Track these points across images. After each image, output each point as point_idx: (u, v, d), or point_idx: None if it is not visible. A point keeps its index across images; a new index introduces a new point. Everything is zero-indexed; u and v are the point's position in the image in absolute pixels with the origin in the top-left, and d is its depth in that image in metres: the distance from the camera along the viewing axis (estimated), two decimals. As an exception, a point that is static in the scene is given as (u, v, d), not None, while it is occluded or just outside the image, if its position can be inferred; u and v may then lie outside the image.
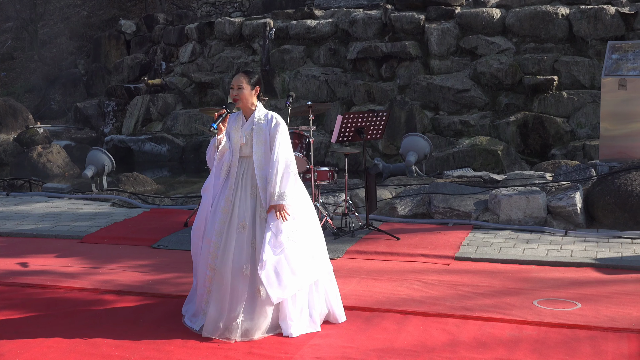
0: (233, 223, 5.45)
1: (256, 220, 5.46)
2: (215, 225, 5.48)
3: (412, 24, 15.44)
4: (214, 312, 5.40)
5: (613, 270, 7.04)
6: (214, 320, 5.40)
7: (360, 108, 14.97)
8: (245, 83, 5.56)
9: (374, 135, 8.61)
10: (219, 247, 5.44)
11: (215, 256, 5.43)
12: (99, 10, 24.43)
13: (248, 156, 5.56)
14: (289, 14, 17.47)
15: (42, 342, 5.38)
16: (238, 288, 5.37)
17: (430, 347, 5.20)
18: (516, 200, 8.60)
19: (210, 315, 5.41)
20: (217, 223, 5.48)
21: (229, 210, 5.48)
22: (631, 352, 5.06)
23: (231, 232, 5.43)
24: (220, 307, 5.38)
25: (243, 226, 5.43)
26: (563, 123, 13.59)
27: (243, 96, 5.56)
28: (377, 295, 6.32)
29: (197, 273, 5.69)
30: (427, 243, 7.97)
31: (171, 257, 7.75)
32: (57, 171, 15.29)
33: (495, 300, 6.14)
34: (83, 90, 21.00)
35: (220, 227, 5.46)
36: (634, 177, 8.55)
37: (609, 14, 14.14)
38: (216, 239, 5.46)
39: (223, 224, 5.47)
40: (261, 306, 5.40)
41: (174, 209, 10.06)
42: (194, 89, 17.80)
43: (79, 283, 6.84)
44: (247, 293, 5.38)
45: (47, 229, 9.04)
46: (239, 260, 5.39)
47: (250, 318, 5.38)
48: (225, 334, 5.36)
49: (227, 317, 5.37)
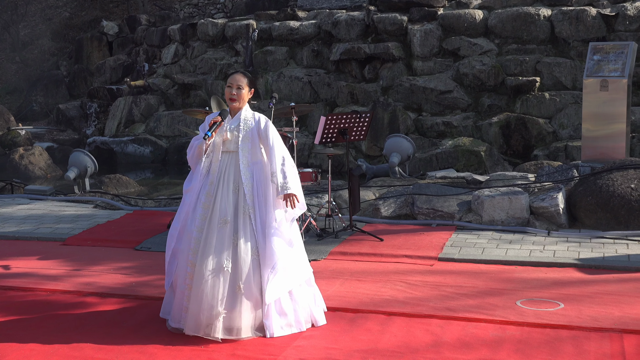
0: (214, 218, 5.42)
1: (239, 216, 5.44)
2: (196, 220, 5.46)
3: (395, 25, 15.46)
4: (195, 308, 5.36)
5: (595, 270, 7.08)
6: (195, 317, 5.36)
7: (344, 109, 14.97)
8: (245, 84, 5.59)
9: (357, 136, 8.62)
10: (199, 242, 5.42)
11: (196, 252, 5.40)
12: (81, 12, 24.30)
13: (232, 151, 5.55)
14: (272, 15, 17.46)
15: (24, 345, 5.35)
16: (218, 285, 5.33)
17: (414, 348, 5.21)
18: (499, 201, 8.63)
19: (191, 312, 5.37)
20: (198, 219, 5.46)
21: (210, 206, 5.46)
22: (613, 351, 5.09)
23: (212, 227, 5.41)
24: (200, 303, 5.33)
25: (224, 221, 5.41)
26: (545, 124, 13.65)
27: (241, 96, 5.58)
28: (361, 297, 6.32)
29: (171, 273, 5.64)
30: (411, 244, 7.99)
31: (154, 259, 7.72)
32: (39, 173, 15.21)
33: (478, 301, 6.16)
34: (65, 92, 20.90)
35: (201, 223, 5.44)
36: (615, 177, 8.60)
37: (590, 16, 14.21)
38: (197, 234, 5.43)
39: (204, 219, 5.44)
40: (242, 303, 5.37)
41: (157, 211, 10.03)
42: (176, 91, 17.75)
43: (62, 285, 6.80)
44: (228, 289, 5.36)
45: (29, 231, 8.98)
46: (219, 256, 5.35)
47: (231, 315, 5.35)
48: (208, 331, 5.32)
49: (207, 314, 5.32)
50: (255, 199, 5.49)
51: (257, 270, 5.42)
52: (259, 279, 5.42)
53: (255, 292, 5.41)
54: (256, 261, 5.42)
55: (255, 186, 5.52)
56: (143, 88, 18.33)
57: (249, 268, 5.38)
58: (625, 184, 8.46)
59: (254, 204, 5.48)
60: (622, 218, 8.31)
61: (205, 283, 5.33)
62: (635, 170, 8.66)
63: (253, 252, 5.42)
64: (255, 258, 5.42)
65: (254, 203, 5.48)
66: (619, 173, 8.66)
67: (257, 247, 5.44)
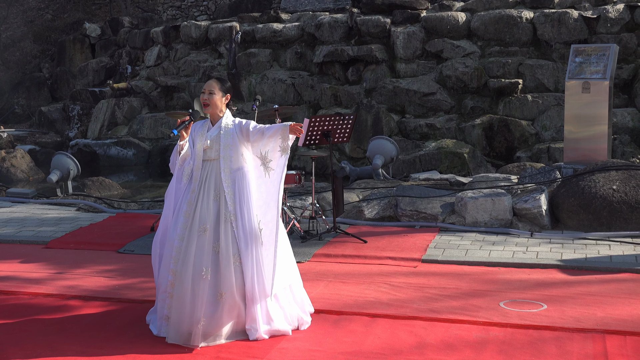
0: (194, 226, 5.43)
1: (220, 224, 5.44)
2: (178, 229, 5.47)
3: (378, 27, 15.49)
4: (176, 317, 5.36)
5: (578, 271, 7.11)
6: (176, 326, 5.36)
7: (327, 111, 14.97)
8: (217, 89, 5.59)
9: (340, 138, 8.62)
10: (180, 250, 5.42)
11: (177, 260, 5.40)
12: (63, 14, 24.20)
13: (213, 159, 5.55)
14: (255, 18, 17.44)
15: (6, 349, 5.31)
16: (198, 292, 5.33)
17: (397, 350, 5.22)
18: (482, 202, 8.66)
19: (172, 320, 5.38)
20: (179, 227, 5.46)
21: (191, 214, 5.46)
22: (596, 352, 5.11)
23: (192, 235, 5.41)
24: (181, 312, 5.34)
25: (204, 229, 5.41)
26: (528, 126, 13.71)
27: (213, 101, 5.58)
28: (345, 299, 6.33)
29: (157, 279, 5.65)
30: (394, 246, 8.00)
31: (137, 262, 7.69)
32: (21, 176, 15.11)
33: (461, 302, 6.17)
34: (47, 94, 20.79)
35: (182, 231, 5.45)
36: (597, 179, 8.64)
37: (572, 18, 14.29)
38: (178, 243, 5.44)
39: (185, 227, 5.45)
40: (223, 310, 5.37)
41: (140, 214, 10.00)
42: (159, 93, 17.70)
43: (44, 289, 6.76)
44: (207, 297, 5.35)
45: (11, 234, 8.93)
46: (199, 263, 5.36)
47: (211, 323, 5.34)
48: (189, 340, 5.32)
49: (188, 322, 5.33)
50: (237, 205, 5.49)
51: (240, 276, 5.42)
52: (241, 285, 5.42)
53: (238, 299, 5.41)
54: (238, 268, 5.42)
55: (237, 193, 5.51)
56: (126, 90, 18.27)
57: (231, 275, 5.38)
58: (607, 186, 8.51)
59: (235, 211, 5.48)
60: (604, 219, 8.36)
61: (186, 291, 5.34)
62: (617, 171, 8.71)
63: (235, 259, 5.42)
64: (237, 265, 5.42)
65: (236, 210, 5.48)
66: (601, 174, 8.71)
67: (240, 254, 5.43)
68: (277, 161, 5.62)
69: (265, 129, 5.55)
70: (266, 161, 5.61)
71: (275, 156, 5.61)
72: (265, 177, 5.62)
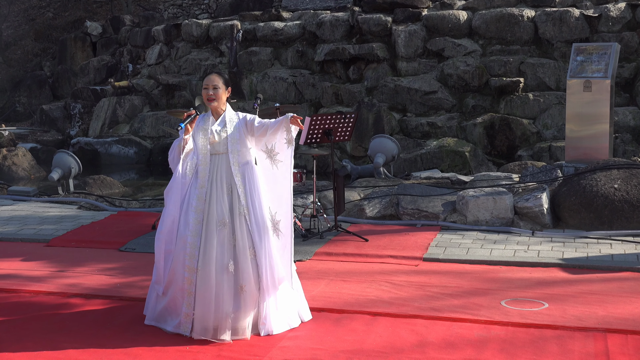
0: (211, 221, 5.45)
1: (234, 218, 5.48)
2: (190, 225, 5.47)
3: (380, 26, 15.48)
4: (201, 313, 5.40)
5: (579, 270, 7.11)
6: (203, 321, 5.40)
7: (328, 110, 14.97)
8: (221, 83, 5.62)
9: (342, 137, 8.62)
10: (196, 247, 5.43)
11: (193, 256, 5.42)
12: (65, 12, 24.19)
13: (222, 153, 5.58)
14: (256, 16, 17.43)
15: (8, 347, 5.32)
16: (224, 286, 5.38)
17: (399, 348, 5.22)
18: (483, 201, 8.66)
19: (197, 316, 5.41)
20: (192, 223, 5.47)
21: (205, 209, 5.47)
22: (597, 350, 5.11)
23: (210, 230, 5.44)
24: (207, 307, 5.38)
25: (223, 223, 5.44)
26: (529, 124, 13.70)
27: (219, 95, 5.60)
28: (346, 297, 6.33)
29: (160, 274, 5.64)
30: (396, 244, 8.00)
31: (139, 260, 7.70)
32: (23, 174, 15.11)
33: (463, 301, 6.17)
34: (49, 93, 20.79)
35: (196, 227, 5.45)
36: (599, 177, 8.64)
37: (573, 17, 14.28)
38: (192, 239, 5.44)
39: (198, 223, 5.46)
40: (245, 303, 5.43)
41: (142, 212, 10.00)
42: (161, 91, 17.69)
43: (46, 287, 6.77)
44: (232, 290, 5.41)
45: (12, 232, 8.94)
46: (222, 257, 5.41)
47: (237, 316, 5.41)
48: (216, 334, 5.37)
49: (214, 316, 5.37)
50: (248, 199, 5.54)
51: (255, 269, 5.48)
52: (257, 278, 5.49)
53: (254, 291, 5.47)
54: (253, 260, 5.48)
55: (247, 186, 5.56)
56: (127, 89, 18.27)
57: (249, 267, 5.45)
58: (609, 184, 8.51)
59: (247, 205, 5.52)
60: (605, 218, 8.36)
61: (212, 286, 5.37)
62: (618, 170, 8.71)
63: (250, 252, 5.48)
64: (252, 257, 5.48)
65: (248, 203, 5.53)
66: (603, 173, 8.71)
67: (254, 247, 5.48)
68: (284, 153, 5.68)
69: (269, 124, 5.60)
70: (273, 154, 5.67)
71: (282, 148, 5.67)
72: (273, 169, 5.69)
